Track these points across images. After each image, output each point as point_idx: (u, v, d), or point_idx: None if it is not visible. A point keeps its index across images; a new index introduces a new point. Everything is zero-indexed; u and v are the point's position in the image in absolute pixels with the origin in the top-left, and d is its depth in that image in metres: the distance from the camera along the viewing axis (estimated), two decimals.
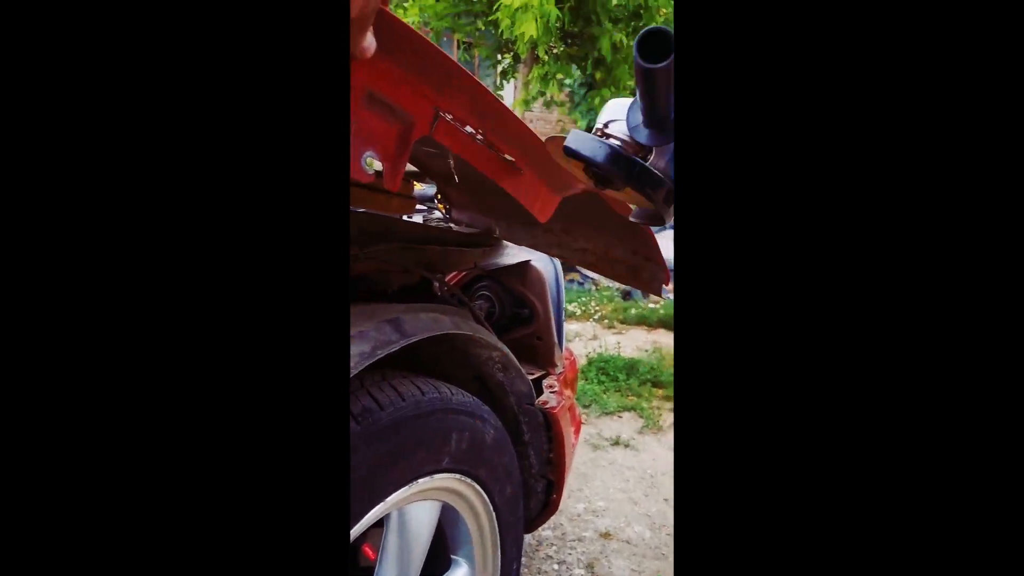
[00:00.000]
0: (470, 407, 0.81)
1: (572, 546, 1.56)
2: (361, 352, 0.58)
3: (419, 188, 1.38)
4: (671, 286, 0.90)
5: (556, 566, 1.48)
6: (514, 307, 1.11)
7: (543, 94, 4.25)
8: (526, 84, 4.28)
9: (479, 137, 0.54)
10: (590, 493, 1.84)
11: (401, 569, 0.75)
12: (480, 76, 8.32)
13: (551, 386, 1.04)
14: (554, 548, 1.55)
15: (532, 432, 1.04)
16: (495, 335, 0.92)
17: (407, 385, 0.71)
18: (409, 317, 0.68)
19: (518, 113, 4.61)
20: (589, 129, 0.43)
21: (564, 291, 1.14)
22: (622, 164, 0.39)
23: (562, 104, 4.60)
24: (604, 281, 4.85)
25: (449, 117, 0.50)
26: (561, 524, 1.66)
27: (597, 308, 4.07)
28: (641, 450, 2.13)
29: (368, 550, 0.76)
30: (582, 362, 2.90)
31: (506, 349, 0.89)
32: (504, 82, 5.27)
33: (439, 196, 1.12)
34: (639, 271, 0.84)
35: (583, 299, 4.34)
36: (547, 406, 1.00)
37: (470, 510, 0.88)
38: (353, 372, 0.55)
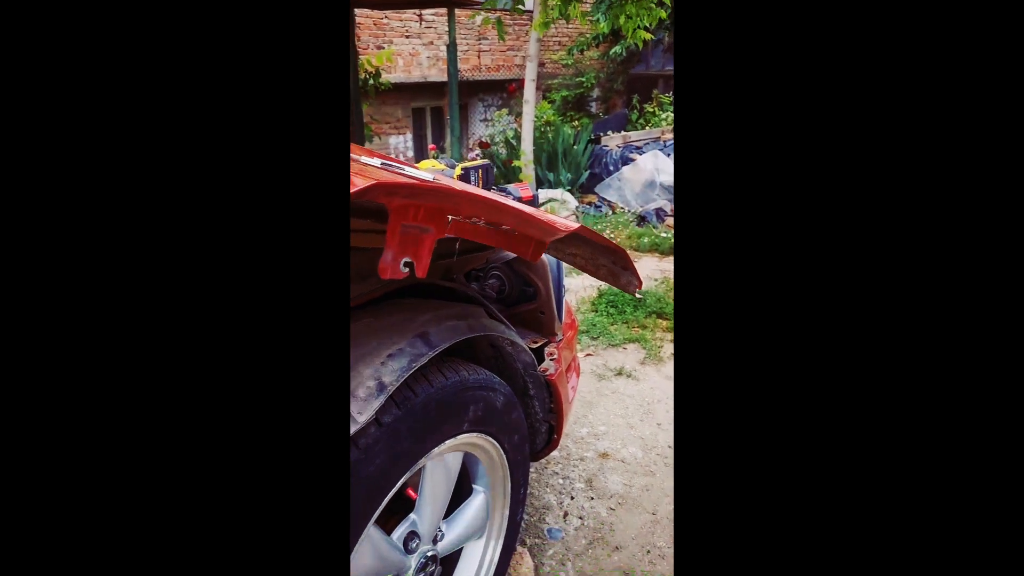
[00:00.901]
0: (484, 382, 1.04)
1: (575, 464, 1.87)
2: (401, 367, 0.80)
3: None
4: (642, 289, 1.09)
5: (560, 480, 1.80)
6: (521, 286, 1.31)
7: (564, 15, 4.14)
8: (544, 4, 4.16)
9: (480, 222, 0.73)
10: (593, 419, 2.13)
11: (434, 500, 1.02)
12: None
13: (551, 354, 1.27)
14: (560, 466, 1.86)
15: (536, 389, 1.28)
16: (504, 323, 1.13)
17: (435, 373, 0.94)
18: (435, 329, 0.90)
19: (537, 35, 4.45)
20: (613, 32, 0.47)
21: (563, 274, 1.33)
22: None
23: (583, 15, 4.45)
24: (620, 205, 4.94)
25: (458, 218, 0.69)
26: (567, 446, 1.96)
27: (612, 235, 4.22)
28: (641, 380, 2.39)
29: (410, 491, 1.03)
30: (593, 294, 3.11)
31: (513, 335, 1.11)
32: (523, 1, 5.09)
33: None
34: (618, 275, 1.04)
35: (599, 225, 4.47)
36: (547, 373, 1.23)
37: (485, 455, 1.14)
38: (397, 383, 0.78)
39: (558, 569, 1.46)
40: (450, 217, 0.67)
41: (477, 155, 6.09)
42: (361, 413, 0.74)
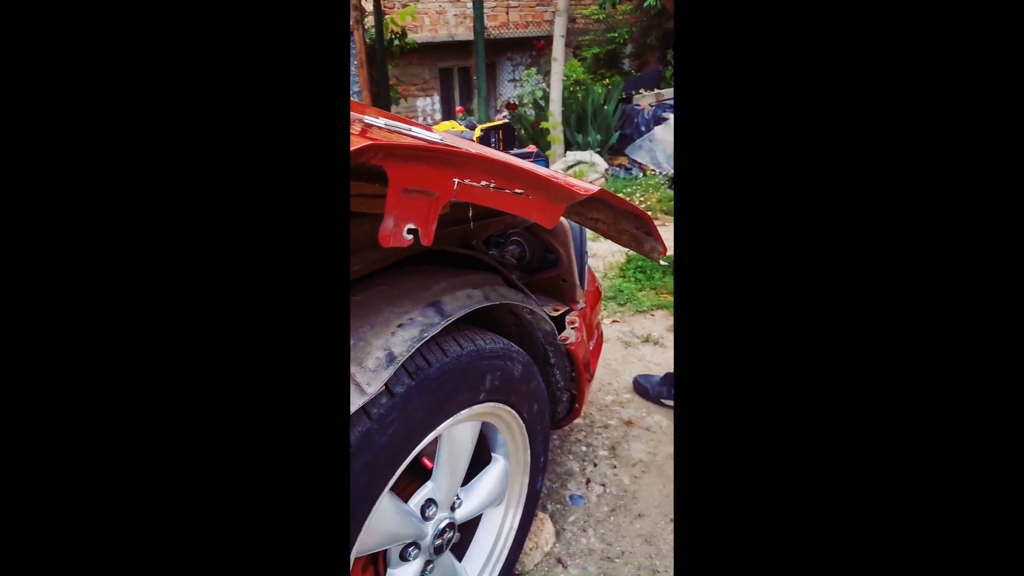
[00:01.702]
0: (501, 351, 1.02)
1: (598, 432, 1.85)
2: (412, 338, 0.78)
3: None
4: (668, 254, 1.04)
5: (583, 447, 1.79)
6: (543, 252, 1.27)
7: None
8: None
9: (491, 185, 0.69)
10: (618, 386, 2.10)
11: (451, 468, 1.01)
12: None
13: (572, 322, 1.24)
14: (583, 433, 1.85)
15: (557, 357, 1.26)
16: (523, 291, 1.10)
17: (450, 343, 0.92)
18: (448, 298, 0.87)
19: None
20: None
21: (586, 240, 1.28)
22: None
23: None
24: (652, 167, 4.79)
25: (465, 181, 0.65)
26: (590, 414, 1.94)
27: (642, 199, 4.11)
28: (668, 347, 2.35)
29: (426, 461, 1.03)
30: (621, 259, 3.04)
31: (532, 304, 1.08)
32: None
33: None
34: (641, 241, 0.98)
35: (629, 189, 4.35)
36: (567, 342, 1.20)
37: (504, 424, 1.13)
38: (407, 354, 0.76)
39: (579, 535, 1.46)
40: (456, 180, 0.63)
41: (504, 116, 5.96)
42: (370, 384, 0.72)
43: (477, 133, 1.21)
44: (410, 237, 0.61)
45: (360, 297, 0.83)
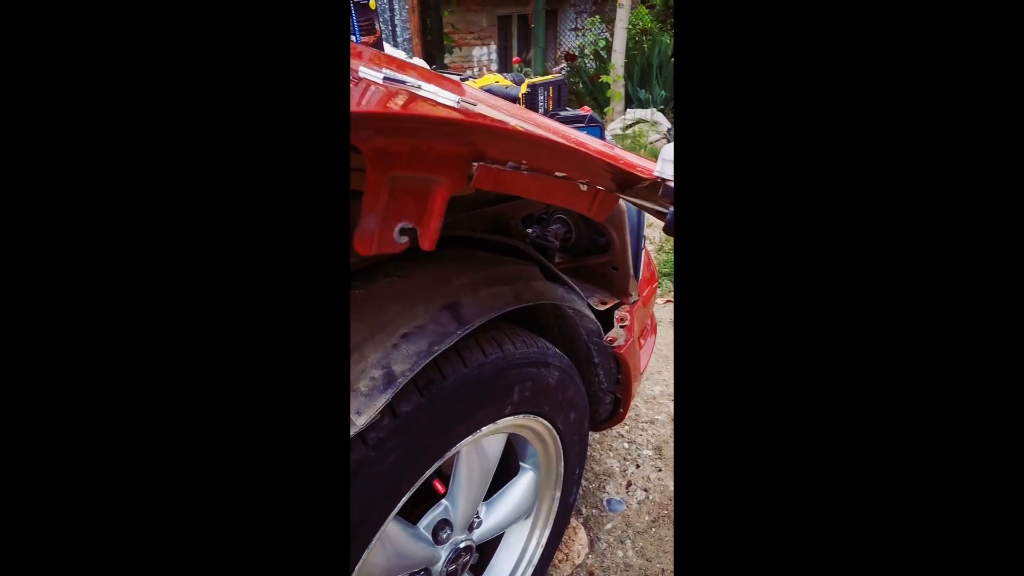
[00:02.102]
0: (534, 357, 0.85)
1: (643, 428, 1.69)
2: (418, 352, 0.62)
3: None
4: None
5: (626, 445, 1.63)
6: (592, 234, 1.08)
7: None
8: None
9: (524, 167, 0.50)
10: (668, 376, 1.91)
11: (470, 486, 0.88)
12: None
13: (622, 319, 1.05)
14: (626, 428, 1.69)
15: (602, 357, 1.08)
16: (566, 282, 0.92)
17: (471, 348, 0.76)
18: (469, 298, 0.71)
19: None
20: None
21: (643, 223, 1.08)
22: None
23: None
24: None
25: (486, 163, 0.47)
26: (636, 405, 1.77)
27: None
28: None
29: (438, 484, 0.89)
30: None
31: (575, 301, 0.90)
32: None
33: None
34: None
35: None
36: (615, 343, 1.02)
37: (534, 435, 0.98)
38: (411, 374, 0.61)
39: (615, 546, 1.32)
40: (475, 164, 0.46)
41: (562, 69, 5.62)
42: (360, 412, 0.57)
43: (523, 89, 1.05)
44: (404, 240, 0.45)
45: (361, 293, 0.68)
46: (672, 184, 0.43)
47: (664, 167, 0.44)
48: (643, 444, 1.62)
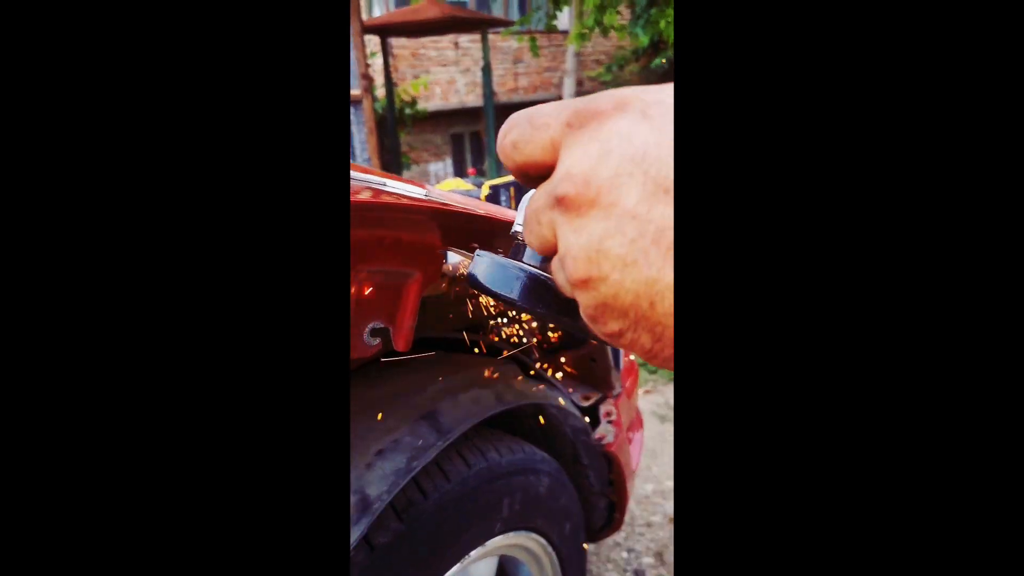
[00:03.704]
0: (521, 463, 0.78)
1: (640, 532, 1.56)
2: (396, 471, 0.55)
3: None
4: None
5: (625, 554, 1.50)
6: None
7: (600, 24, 3.91)
8: (580, 16, 3.95)
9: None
10: (658, 471, 1.82)
11: None
12: (531, 5, 7.79)
13: (609, 415, 1.00)
14: (622, 535, 1.56)
15: (590, 457, 1.01)
16: (548, 380, 0.87)
17: (453, 460, 0.69)
18: (447, 405, 0.65)
19: (574, 48, 4.28)
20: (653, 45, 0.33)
21: None
22: (547, 298, 0.28)
23: (620, 28, 4.22)
24: None
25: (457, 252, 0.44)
26: (629, 509, 1.66)
27: None
28: None
29: None
30: None
31: (560, 397, 0.85)
32: (558, 11, 4.90)
33: None
34: None
35: None
36: (604, 441, 0.96)
37: (528, 554, 0.88)
38: (389, 498, 0.53)
39: None
40: (445, 251, 0.43)
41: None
42: None
43: (485, 191, 1.07)
44: (376, 341, 0.40)
45: None
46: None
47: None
48: (642, 551, 1.50)
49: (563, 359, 1.09)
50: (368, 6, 7.15)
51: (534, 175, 0.25)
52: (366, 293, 0.38)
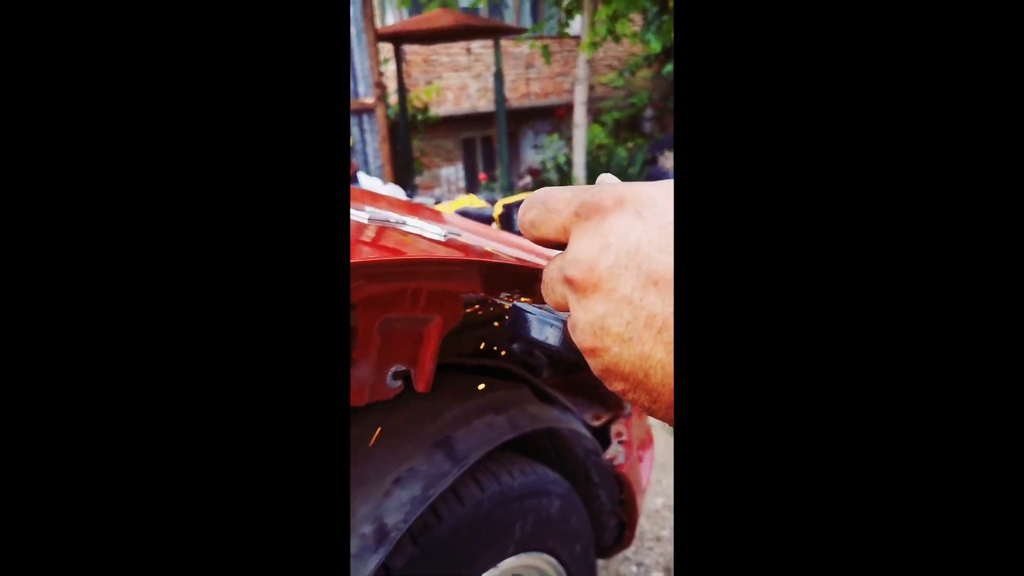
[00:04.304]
0: (533, 486, 0.80)
1: (650, 546, 1.57)
2: (412, 499, 0.57)
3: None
4: None
5: (635, 568, 1.50)
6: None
7: (612, 33, 3.93)
8: (592, 26, 3.96)
9: (517, 297, 0.49)
10: (668, 485, 1.82)
11: None
12: (543, 13, 7.81)
13: (619, 435, 1.01)
14: (632, 549, 1.57)
15: (602, 476, 1.02)
16: (560, 402, 0.89)
17: (467, 485, 0.71)
18: (461, 432, 0.66)
19: (585, 56, 4.29)
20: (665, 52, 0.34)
21: None
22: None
23: (633, 35, 4.22)
24: None
25: (480, 297, 0.45)
26: (640, 523, 1.66)
27: None
28: None
29: None
30: None
31: (572, 420, 0.86)
32: (570, 20, 4.92)
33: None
34: None
35: None
36: (615, 462, 0.97)
37: (540, 574, 0.89)
38: (406, 526, 0.55)
39: None
40: (467, 296, 0.44)
41: (528, 183, 5.93)
42: None
43: (498, 210, 1.08)
44: (398, 384, 0.42)
45: None
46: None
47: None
48: (652, 566, 1.50)
49: (578, 377, 1.10)
50: (382, 14, 7.21)
51: (550, 246, 0.29)
52: (389, 340, 0.39)
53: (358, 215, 0.51)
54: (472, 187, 8.11)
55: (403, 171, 5.63)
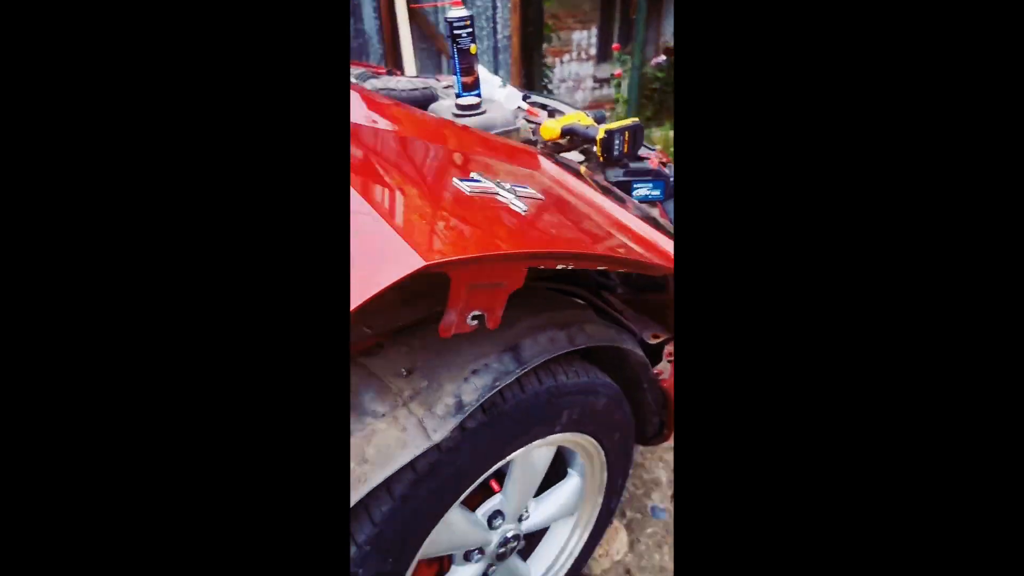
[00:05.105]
0: (584, 386, 1.00)
1: None
2: (484, 385, 0.79)
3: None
4: None
5: (672, 455, 1.73)
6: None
7: None
8: None
9: (569, 267, 0.65)
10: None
11: (522, 486, 1.04)
12: None
13: (670, 354, 1.17)
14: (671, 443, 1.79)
15: (649, 385, 1.21)
16: (621, 322, 1.05)
17: (529, 378, 0.92)
18: (528, 342, 0.86)
19: None
20: None
21: None
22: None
23: None
24: None
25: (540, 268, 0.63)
26: None
27: None
28: None
29: (494, 484, 1.07)
30: None
31: (624, 341, 1.03)
32: None
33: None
34: None
35: None
36: (660, 376, 1.14)
37: (581, 448, 1.13)
38: (476, 404, 0.78)
39: (654, 550, 1.45)
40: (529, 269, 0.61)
41: (662, 62, 5.51)
42: (436, 431, 0.75)
43: (600, 134, 1.13)
44: (475, 323, 0.61)
45: None
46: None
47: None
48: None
49: (648, 296, 1.25)
50: None
51: None
52: (471, 297, 0.58)
53: (462, 185, 0.68)
54: (604, 58, 7.64)
55: (533, 38, 5.44)
